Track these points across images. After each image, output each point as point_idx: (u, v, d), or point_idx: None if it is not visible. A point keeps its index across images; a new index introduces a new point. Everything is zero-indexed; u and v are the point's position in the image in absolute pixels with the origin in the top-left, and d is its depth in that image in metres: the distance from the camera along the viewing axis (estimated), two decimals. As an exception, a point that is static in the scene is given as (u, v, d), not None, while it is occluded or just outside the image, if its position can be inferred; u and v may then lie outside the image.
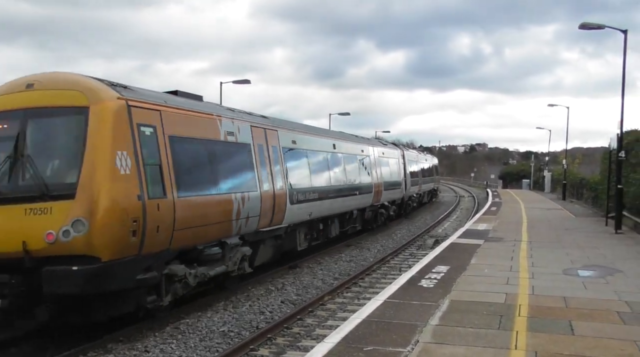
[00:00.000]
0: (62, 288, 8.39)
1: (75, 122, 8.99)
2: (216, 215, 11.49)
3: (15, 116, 9.18)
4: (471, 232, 19.11)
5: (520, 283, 10.45)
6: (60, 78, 9.44)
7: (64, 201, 8.60)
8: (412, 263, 17.35)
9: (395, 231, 27.39)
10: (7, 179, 8.91)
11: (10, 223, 8.61)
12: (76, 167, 8.76)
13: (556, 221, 24.40)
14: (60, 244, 8.44)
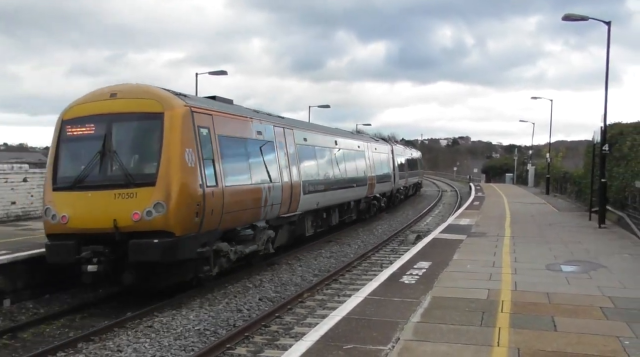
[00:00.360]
0: (145, 257, 11.14)
1: (153, 125, 11.73)
2: (250, 202, 14.38)
3: (102, 120, 11.93)
4: (454, 228, 19.24)
5: (503, 279, 10.54)
6: (139, 89, 12.31)
7: (146, 187, 11.30)
8: (393, 259, 17.41)
9: (376, 226, 27.48)
10: (98, 170, 11.69)
11: (103, 205, 11.35)
12: (155, 161, 11.50)
13: (539, 215, 24.67)
14: (143, 222, 11.17)
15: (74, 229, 11.66)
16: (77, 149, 12.29)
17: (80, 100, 12.63)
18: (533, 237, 17.09)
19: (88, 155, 12.01)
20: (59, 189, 12.05)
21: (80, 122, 12.31)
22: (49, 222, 11.93)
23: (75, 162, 12.21)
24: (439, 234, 17.55)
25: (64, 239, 11.72)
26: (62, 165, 12.33)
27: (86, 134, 12.23)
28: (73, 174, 12.04)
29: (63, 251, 11.63)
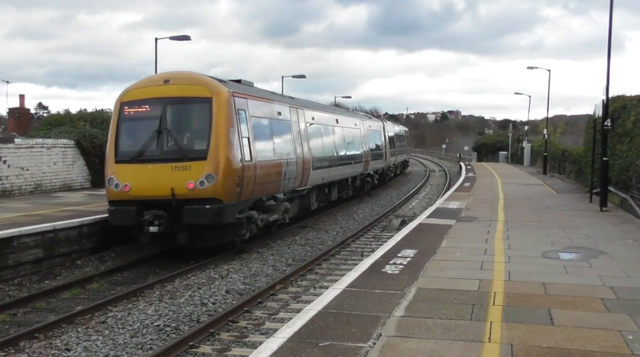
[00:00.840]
0: (198, 220, 14.67)
1: (203, 108, 15.21)
2: (274, 175, 17.93)
3: (157, 103, 15.42)
4: (442, 211, 19.34)
5: (496, 268, 10.62)
6: (189, 76, 15.90)
7: (199, 161, 14.80)
8: (375, 247, 17.47)
9: (356, 210, 27.56)
10: (155, 146, 15.22)
11: (161, 176, 14.83)
12: (205, 139, 15.01)
13: (536, 197, 24.92)
14: (196, 190, 14.71)
15: (135, 196, 15.15)
16: (135, 128, 15.80)
17: (136, 85, 16.30)
18: (528, 221, 17.26)
19: (145, 133, 15.51)
20: (121, 161, 15.49)
21: (137, 104, 15.80)
22: (112, 190, 15.39)
23: (134, 139, 15.70)
24: (425, 218, 17.63)
25: (126, 204, 15.17)
26: (123, 141, 15.79)
27: (143, 115, 15.74)
28: (133, 148, 15.53)
29: (125, 215, 15.12)
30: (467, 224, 16.42)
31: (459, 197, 24.18)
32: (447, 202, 22.46)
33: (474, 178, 37.11)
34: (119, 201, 15.35)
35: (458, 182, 34.71)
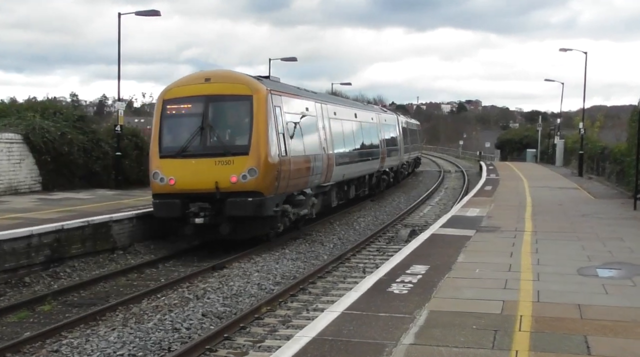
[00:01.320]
0: (240, 212, 17.90)
1: (244, 106, 18.56)
2: (304, 170, 21.34)
3: (199, 100, 18.70)
4: (459, 220, 19.37)
5: (522, 287, 10.63)
6: (230, 75, 19.57)
7: (241, 156, 18.05)
8: (380, 262, 17.47)
9: (357, 218, 27.58)
10: (199, 141, 18.38)
11: (205, 170, 17.97)
12: (247, 135, 18.34)
13: (570, 204, 24.98)
14: (239, 184, 17.96)
15: (180, 190, 18.41)
16: (178, 124, 19.21)
17: (177, 83, 19.74)
18: (561, 232, 17.30)
19: (188, 129, 18.84)
20: (165, 156, 18.77)
21: (179, 102, 19.13)
22: (157, 184, 18.75)
23: (177, 135, 19.06)
24: (439, 228, 17.64)
25: (171, 197, 18.44)
26: (166, 137, 19.08)
27: (185, 112, 19.12)
28: (176, 144, 18.85)
29: (171, 207, 18.43)
30: (488, 235, 16.45)
31: (478, 203, 24.22)
32: (464, 209, 22.49)
33: (496, 180, 37.19)
34: (163, 194, 18.84)
35: (478, 185, 34.78)
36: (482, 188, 32.05)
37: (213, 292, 14.61)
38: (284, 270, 17.21)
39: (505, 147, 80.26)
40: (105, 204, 22.46)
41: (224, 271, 16.87)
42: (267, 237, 20.14)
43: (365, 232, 23.71)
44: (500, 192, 29.46)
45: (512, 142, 79.56)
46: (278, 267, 17.58)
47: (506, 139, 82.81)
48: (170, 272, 17.04)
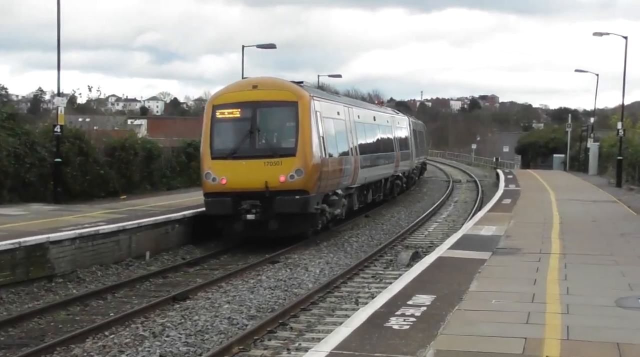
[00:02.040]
0: (288, 209, 22.92)
1: (290, 111, 23.69)
2: (338, 172, 26.64)
3: (247, 106, 23.76)
4: (471, 240, 19.35)
5: (548, 321, 10.61)
6: (276, 82, 25.03)
7: (289, 157, 23.02)
8: (376, 291, 17.42)
9: (349, 238, 27.55)
10: (248, 144, 23.42)
11: (255, 170, 22.76)
12: (293, 137, 23.42)
13: (606, 220, 25.02)
14: (287, 183, 22.86)
15: (231, 189, 23.53)
16: (228, 128, 24.73)
17: (225, 90, 25.39)
18: (596, 255, 17.31)
19: (238, 132, 24.36)
20: (217, 158, 24.02)
21: (228, 107, 24.56)
22: (209, 183, 23.95)
23: (228, 138, 24.45)
24: (447, 250, 17.62)
25: (222, 196, 23.58)
26: (217, 140, 24.35)
27: (234, 117, 24.58)
28: (227, 146, 24.20)
29: (222, 205, 23.58)
30: (507, 259, 16.43)
31: (495, 220, 24.23)
32: (478, 226, 22.49)
33: (516, 192, 37.26)
34: (215, 192, 23.96)
35: (494, 198, 34.82)
36: (499, 201, 32.08)
37: (173, 329, 14.51)
38: (260, 301, 17.13)
39: (528, 152, 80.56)
40: (42, 222, 22.35)
41: (187, 303, 16.77)
42: (306, 235, 25.54)
43: (359, 255, 23.65)
44: (522, 207, 29.49)
45: (535, 146, 79.85)
46: (253, 297, 17.50)
47: (528, 142, 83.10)
48: (122, 305, 16.93)
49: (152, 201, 30.20)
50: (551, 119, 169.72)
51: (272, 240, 24.85)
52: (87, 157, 30.80)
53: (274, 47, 46.89)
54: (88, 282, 19.07)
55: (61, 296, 17.58)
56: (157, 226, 23.37)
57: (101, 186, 32.10)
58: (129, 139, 35.17)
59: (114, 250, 21.11)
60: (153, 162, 36.73)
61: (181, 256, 23.41)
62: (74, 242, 19.58)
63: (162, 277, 20.11)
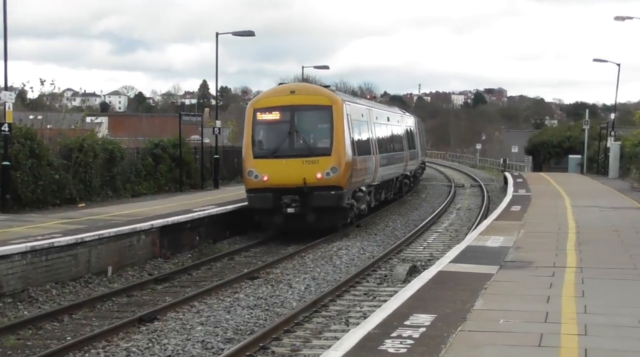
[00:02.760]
0: (324, 203, 29.51)
1: (325, 114, 30.50)
2: (363, 170, 32.84)
3: (286, 109, 30.33)
4: (476, 252, 19.38)
5: (564, 344, 10.63)
6: (312, 88, 33.50)
7: (324, 156, 29.78)
8: (368, 310, 17.46)
9: (337, 251, 27.61)
10: (287, 144, 30.04)
11: (295, 168, 29.40)
12: (328, 138, 30.32)
13: (629, 229, 25.06)
14: (323, 179, 29.52)
15: (272, 185, 28.78)
16: (268, 130, 30.30)
17: (265, 95, 31.79)
18: (617, 268, 17.33)
19: (278, 134, 29.93)
20: (259, 157, 29.50)
21: (268, 110, 30.06)
22: (252, 180, 29.44)
23: (268, 139, 30.14)
24: (449, 264, 17.65)
25: (264, 192, 28.91)
26: (258, 140, 29.99)
27: (274, 119, 30.10)
28: (268, 146, 29.89)
29: (264, 200, 28.88)
30: (516, 273, 16.47)
31: (503, 230, 24.27)
32: (483, 237, 22.53)
33: (527, 198, 37.33)
34: (257, 188, 29.71)
35: (502, 204, 34.86)
36: (507, 208, 32.13)
37: (139, 354, 14.50)
38: (237, 322, 17.14)
39: (540, 153, 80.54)
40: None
41: (155, 324, 16.73)
42: (337, 228, 31.44)
43: (349, 270, 23.66)
44: (533, 214, 29.56)
45: (548, 145, 79.84)
46: (230, 317, 17.51)
47: (540, 141, 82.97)
48: (80, 327, 16.88)
49: (115, 209, 30.09)
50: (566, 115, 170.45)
51: (307, 232, 30.53)
52: (40, 160, 30.60)
53: (252, 35, 46.86)
54: (41, 302, 19.01)
55: (10, 318, 17.51)
56: (121, 238, 23.27)
57: (56, 192, 31.84)
58: (87, 139, 34.80)
59: (71, 265, 21.01)
60: (115, 165, 36.47)
61: (148, 272, 23.41)
62: (25, 257, 19.48)
63: (127, 295, 20.08)
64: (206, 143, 47.31)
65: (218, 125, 47.54)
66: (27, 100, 52.06)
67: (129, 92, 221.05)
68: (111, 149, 36.19)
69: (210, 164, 46.13)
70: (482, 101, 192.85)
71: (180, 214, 27.81)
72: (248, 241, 30.47)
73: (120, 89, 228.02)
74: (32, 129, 32.88)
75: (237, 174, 51.93)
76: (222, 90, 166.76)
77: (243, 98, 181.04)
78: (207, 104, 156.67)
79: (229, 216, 30.92)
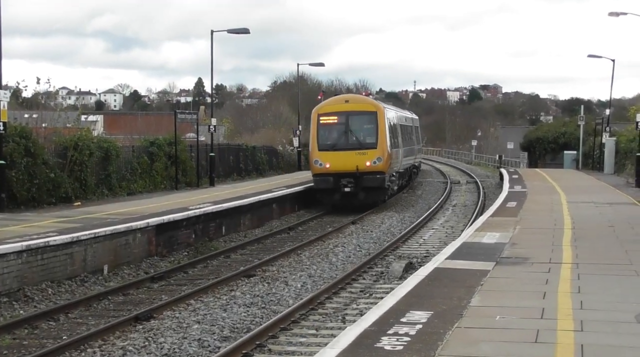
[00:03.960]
0: (372, 184, 41.37)
1: (371, 118, 42.68)
2: (395, 159, 45.22)
3: (342, 114, 42.47)
4: (472, 249, 19.39)
5: (560, 340, 10.63)
6: (361, 98, 48.48)
7: (372, 149, 41.61)
8: (365, 307, 17.47)
9: (334, 248, 27.62)
10: (344, 140, 41.88)
11: (350, 158, 41.06)
12: (374, 136, 42.24)
13: (624, 225, 25.10)
14: (371, 166, 41.36)
15: (332, 171, 39.83)
16: (328, 129, 41.54)
17: (326, 103, 43.32)
18: (613, 264, 17.35)
19: (336, 132, 41.41)
20: (322, 150, 40.51)
21: (328, 115, 41.48)
22: (317, 167, 40.48)
23: (329, 136, 41.29)
24: (445, 260, 17.66)
25: (327, 176, 40.02)
26: (321, 137, 41.00)
27: (333, 122, 41.50)
28: (329, 142, 40.93)
29: (327, 182, 40.01)
30: (512, 269, 16.48)
31: (498, 226, 24.29)
32: (479, 233, 22.54)
33: (523, 194, 37.39)
34: (321, 173, 39.44)
35: (498, 200, 34.88)
36: (503, 205, 32.16)
37: (136, 353, 14.50)
38: (234, 320, 17.13)
39: (535, 149, 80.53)
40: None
41: (152, 323, 16.73)
42: (376, 204, 41.53)
43: (345, 267, 23.69)
44: (529, 210, 29.59)
45: (544, 141, 79.79)
46: (226, 315, 17.51)
47: (536, 137, 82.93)
48: (76, 326, 16.86)
49: (111, 208, 30.03)
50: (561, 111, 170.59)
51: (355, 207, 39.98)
52: (35, 159, 30.53)
53: (247, 32, 46.97)
54: (37, 301, 18.98)
55: (6, 317, 17.49)
56: (117, 236, 23.22)
57: (51, 191, 31.78)
58: (82, 138, 34.77)
59: (67, 264, 20.97)
60: (111, 163, 36.42)
61: (144, 270, 23.38)
62: (21, 256, 19.44)
63: (123, 294, 20.06)
64: (202, 141, 47.20)
65: (214, 123, 47.60)
66: (21, 98, 51.97)
67: (124, 90, 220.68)
68: (106, 147, 36.10)
69: (206, 162, 46.15)
70: (478, 97, 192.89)
71: (176, 212, 27.72)
72: (248, 237, 30.55)
73: (115, 87, 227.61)
74: (27, 128, 32.77)
75: (232, 172, 52.13)
76: (217, 88, 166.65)
77: (238, 95, 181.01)
78: (203, 101, 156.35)
79: (225, 213, 30.87)
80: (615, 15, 48.37)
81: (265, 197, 36.02)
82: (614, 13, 48.27)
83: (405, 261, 23.74)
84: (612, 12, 48.33)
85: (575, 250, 19.31)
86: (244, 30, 46.84)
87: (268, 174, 58.37)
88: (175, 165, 41.81)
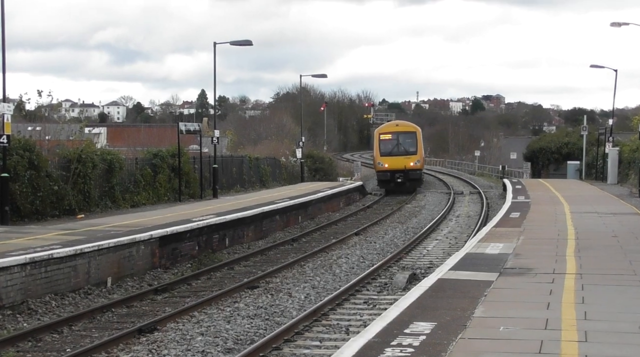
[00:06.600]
0: (414, 177, 67.40)
1: (413, 135, 69.23)
2: (424, 162, 78.03)
3: (395, 133, 69.66)
4: (475, 260, 19.36)
5: (564, 351, 10.60)
6: (405, 123, 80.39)
7: (413, 155, 67.42)
8: (368, 318, 17.45)
9: (337, 259, 27.60)
10: (396, 149, 67.39)
11: (401, 161, 66.33)
12: (415, 147, 68.22)
13: (628, 235, 25.05)
14: (414, 166, 67.23)
15: (389, 169, 65.05)
16: (386, 143, 67.15)
17: (384, 126, 73.65)
18: (617, 274, 17.34)
19: (391, 145, 67.02)
20: (382, 155, 65.68)
21: (386, 134, 68.23)
22: (379, 166, 65.79)
23: (387, 146, 66.64)
24: (449, 271, 17.64)
25: (385, 172, 65.32)
26: (382, 148, 66.21)
27: (389, 138, 67.78)
28: (387, 150, 66.25)
29: (385, 175, 65.47)
30: (516, 280, 16.46)
31: (502, 236, 24.26)
32: (483, 244, 22.52)
33: (526, 204, 37.32)
34: (382, 170, 64.03)
35: (501, 211, 34.86)
36: (506, 215, 32.12)
37: (139, 366, 14.47)
38: (237, 331, 17.12)
39: (538, 159, 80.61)
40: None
41: (155, 335, 16.71)
42: (415, 190, 61.81)
43: (349, 278, 23.64)
44: (532, 221, 29.56)
45: (547, 151, 79.88)
46: (230, 327, 17.50)
47: (539, 147, 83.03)
48: (80, 339, 16.85)
49: (114, 220, 30.04)
50: (564, 121, 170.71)
51: (400, 192, 60.23)
52: (39, 171, 30.56)
53: (250, 44, 46.91)
54: (41, 313, 18.98)
55: (9, 330, 17.47)
56: (120, 248, 23.20)
57: (55, 203, 31.83)
58: (86, 150, 34.82)
59: (71, 277, 20.97)
60: (114, 175, 36.46)
61: (148, 282, 23.37)
62: (24, 269, 19.44)
63: (126, 306, 20.04)
64: (205, 152, 47.28)
65: (217, 135, 47.54)
66: (24, 111, 52.09)
67: (127, 102, 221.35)
68: (110, 160, 36.13)
69: (210, 174, 46.14)
70: (481, 108, 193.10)
71: (180, 224, 27.73)
72: (252, 248, 30.47)
73: (118, 99, 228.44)
74: (31, 141, 32.82)
75: (236, 184, 52.11)
76: (220, 100, 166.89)
77: (241, 107, 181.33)
78: (206, 113, 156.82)
79: (228, 224, 30.79)
80: (618, 25, 48.43)
81: (268, 209, 35.78)
82: (616, 23, 48.31)
83: (408, 272, 23.71)
84: (614, 23, 48.36)
85: (579, 260, 19.28)
86: (247, 42, 46.84)
87: (271, 186, 59.15)
88: (179, 177, 41.71)
